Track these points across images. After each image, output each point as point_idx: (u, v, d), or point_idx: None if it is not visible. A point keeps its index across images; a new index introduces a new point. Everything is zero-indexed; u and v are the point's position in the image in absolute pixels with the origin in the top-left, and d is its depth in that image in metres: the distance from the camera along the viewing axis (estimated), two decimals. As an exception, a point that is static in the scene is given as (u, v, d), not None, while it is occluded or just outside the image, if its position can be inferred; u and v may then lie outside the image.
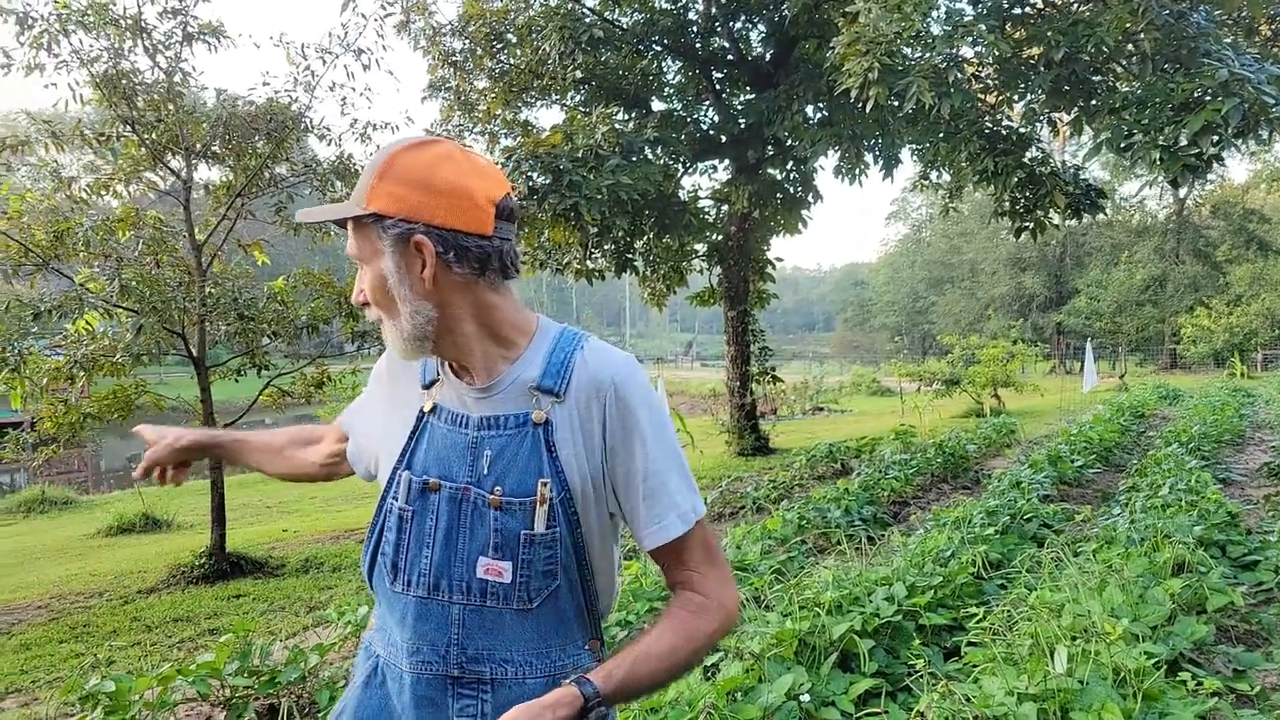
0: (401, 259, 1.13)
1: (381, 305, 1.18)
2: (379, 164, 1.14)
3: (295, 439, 1.61)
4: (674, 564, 1.25)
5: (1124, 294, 39.29)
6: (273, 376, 7.38)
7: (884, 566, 4.36)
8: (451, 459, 1.22)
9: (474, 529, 1.20)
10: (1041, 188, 9.84)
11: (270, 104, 7.06)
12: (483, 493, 1.20)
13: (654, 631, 1.20)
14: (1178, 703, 2.79)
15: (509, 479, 1.19)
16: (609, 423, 1.19)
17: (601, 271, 12.19)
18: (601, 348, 1.24)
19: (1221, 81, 7.01)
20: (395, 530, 1.24)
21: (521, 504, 1.18)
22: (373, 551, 1.28)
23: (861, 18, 7.19)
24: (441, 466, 1.22)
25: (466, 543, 1.20)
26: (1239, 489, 7.95)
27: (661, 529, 1.22)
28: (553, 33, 9.59)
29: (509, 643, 1.22)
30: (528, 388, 1.20)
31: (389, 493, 1.26)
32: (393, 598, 1.25)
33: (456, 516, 1.21)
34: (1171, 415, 14.81)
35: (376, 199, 1.13)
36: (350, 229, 1.17)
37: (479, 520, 1.20)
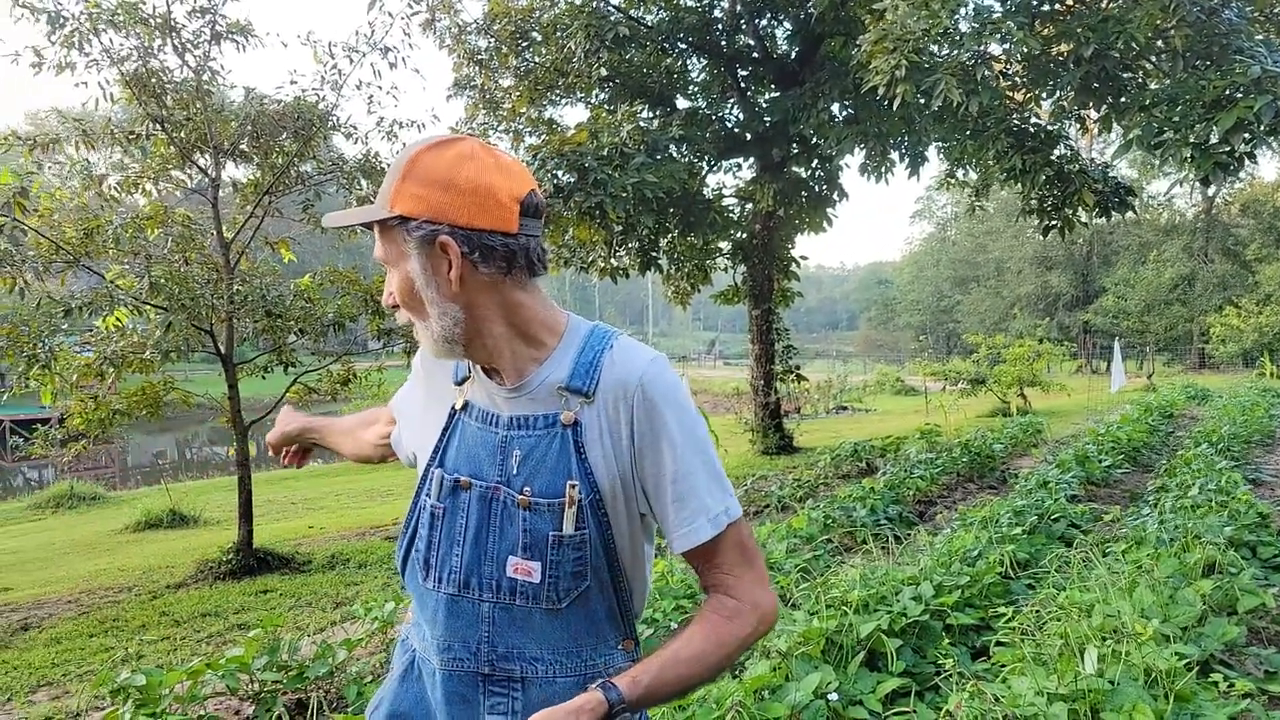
0: (427, 260, 1.13)
1: (410, 307, 1.18)
2: (402, 165, 1.13)
3: (363, 420, 1.68)
4: (707, 567, 1.24)
5: (1152, 293, 38.79)
6: (299, 374, 7.44)
7: (910, 566, 4.33)
8: (482, 457, 1.22)
9: (504, 528, 1.20)
10: (1070, 186, 9.74)
11: (297, 102, 7.13)
12: (512, 492, 1.19)
13: (683, 635, 1.19)
14: (1209, 704, 2.76)
15: (537, 480, 1.18)
16: (636, 425, 1.18)
17: (626, 269, 12.21)
18: (630, 346, 1.23)
19: (1254, 78, 6.91)
20: (428, 527, 1.25)
21: (550, 505, 1.18)
22: (406, 547, 1.29)
23: (889, 15, 7.15)
24: (472, 464, 1.23)
25: (496, 541, 1.20)
26: (1269, 490, 7.83)
27: (691, 532, 1.19)
28: (578, 30, 9.61)
29: (539, 641, 1.22)
30: (557, 388, 1.19)
31: (422, 489, 1.27)
32: (425, 594, 1.26)
33: (486, 515, 1.21)
34: (1200, 415, 14.60)
35: (400, 201, 1.12)
36: (376, 232, 1.17)
37: (509, 519, 1.20)
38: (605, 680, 1.11)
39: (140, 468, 21.27)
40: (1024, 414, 15.99)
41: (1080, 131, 10.77)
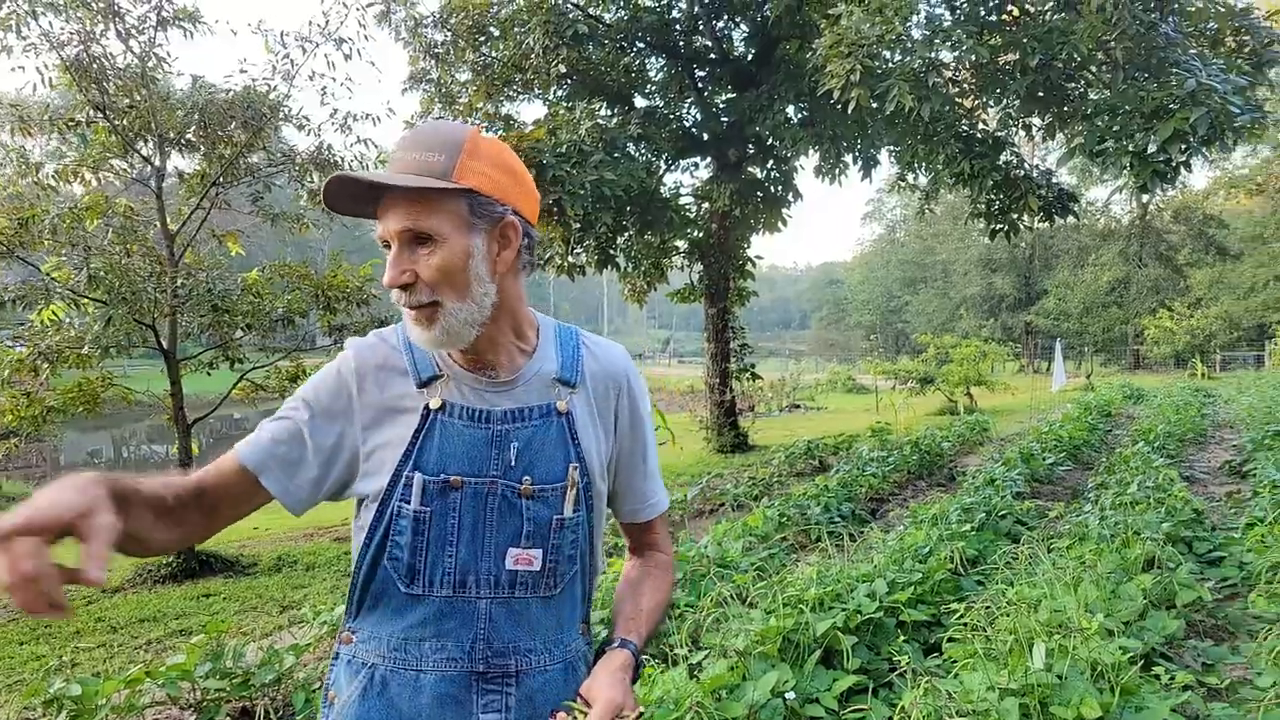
0: (489, 239, 1.16)
1: (449, 285, 1.14)
2: (463, 142, 1.13)
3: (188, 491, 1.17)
4: (647, 531, 1.42)
5: (1090, 295, 39.97)
6: (246, 370, 7.28)
7: (864, 563, 4.40)
8: (473, 455, 1.20)
9: (501, 522, 1.21)
10: (1016, 191, 9.99)
11: (247, 92, 6.97)
12: (511, 484, 1.21)
13: (646, 590, 1.37)
14: (1152, 697, 2.85)
15: (538, 468, 1.22)
16: (623, 412, 1.32)
17: (583, 267, 12.18)
18: (598, 339, 1.35)
19: (1190, 91, 7.15)
20: (410, 533, 1.20)
21: (553, 490, 1.23)
22: (373, 558, 1.21)
23: (844, 20, 7.25)
24: (461, 463, 1.20)
25: (494, 536, 1.21)
26: (1203, 486, 8.13)
27: (658, 503, 1.40)
28: (536, 27, 9.55)
29: (533, 632, 1.25)
30: (549, 380, 1.26)
31: (393, 496, 1.20)
32: (407, 601, 1.22)
33: (482, 512, 1.21)
34: (1137, 414, 15.09)
35: (470, 176, 1.13)
36: (416, 203, 1.12)
37: (507, 512, 1.21)
38: (623, 638, 1.26)
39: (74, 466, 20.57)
40: (971, 412, 16.35)
41: (1026, 139, 11.05)
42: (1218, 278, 36.27)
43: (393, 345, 1.25)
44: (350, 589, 1.26)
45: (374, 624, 1.24)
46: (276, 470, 1.19)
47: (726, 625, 3.56)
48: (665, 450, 11.78)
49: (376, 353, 1.24)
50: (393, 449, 1.20)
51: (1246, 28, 8.31)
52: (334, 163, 7.62)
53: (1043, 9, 8.97)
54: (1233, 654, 3.78)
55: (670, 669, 3.17)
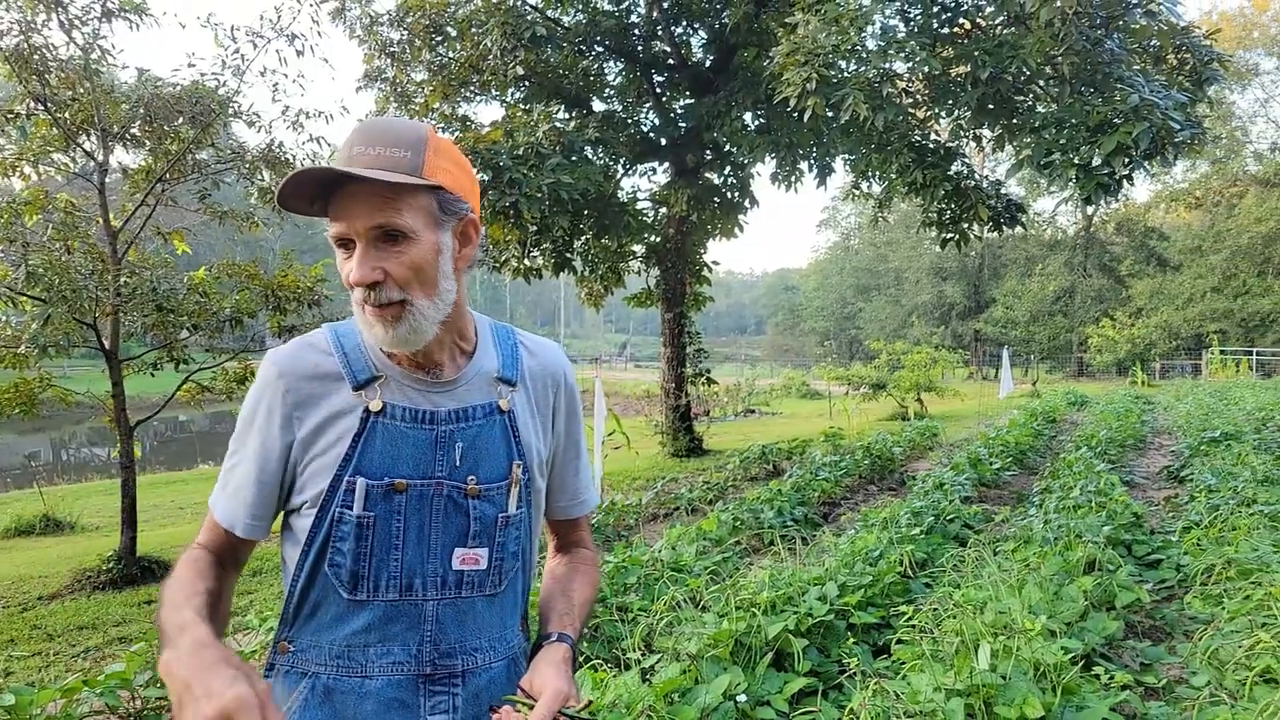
0: (453, 237, 1.19)
1: (418, 283, 1.14)
2: (426, 139, 1.13)
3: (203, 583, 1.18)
4: (574, 528, 1.45)
5: (1037, 304, 40.91)
6: (191, 371, 7.11)
7: (816, 567, 4.44)
8: (418, 457, 1.19)
9: (447, 522, 1.20)
10: (966, 200, 10.19)
11: (195, 86, 6.82)
12: (458, 484, 1.21)
13: (576, 586, 1.38)
14: (1092, 696, 2.93)
15: (482, 467, 1.23)
16: (560, 409, 1.35)
17: (539, 270, 12.13)
18: (535, 338, 1.38)
19: (1133, 106, 7.37)
20: (353, 539, 1.17)
21: (498, 488, 1.24)
22: (312, 565, 1.19)
23: (800, 29, 7.34)
24: (405, 466, 1.18)
25: (440, 537, 1.20)
26: (1142, 491, 8.37)
27: (588, 500, 1.44)
28: (494, 28, 9.50)
29: (478, 631, 1.25)
30: (491, 378, 1.27)
31: (333, 503, 1.17)
32: (350, 608, 1.20)
33: (427, 513, 1.19)
34: (1080, 420, 15.48)
35: (438, 174, 1.13)
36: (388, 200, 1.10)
37: (453, 512, 1.21)
38: (560, 632, 1.26)
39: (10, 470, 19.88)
40: (921, 418, 16.62)
41: (977, 150, 11.29)
42: (1158, 288, 37.36)
43: (322, 350, 1.21)
44: (286, 598, 1.22)
45: (313, 632, 1.22)
46: (251, 521, 1.21)
47: (679, 629, 3.57)
48: (620, 454, 11.77)
49: (303, 361, 1.20)
50: (331, 455, 1.17)
51: (1187, 46, 8.59)
52: (285, 160, 7.49)
53: (993, 23, 9.18)
54: (1169, 654, 3.90)
55: (622, 673, 3.16)
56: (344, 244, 1.14)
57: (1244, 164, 36.58)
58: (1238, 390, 19.29)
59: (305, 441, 1.18)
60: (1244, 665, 3.23)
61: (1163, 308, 36.16)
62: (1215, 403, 15.62)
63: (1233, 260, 33.57)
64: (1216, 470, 7.57)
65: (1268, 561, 4.30)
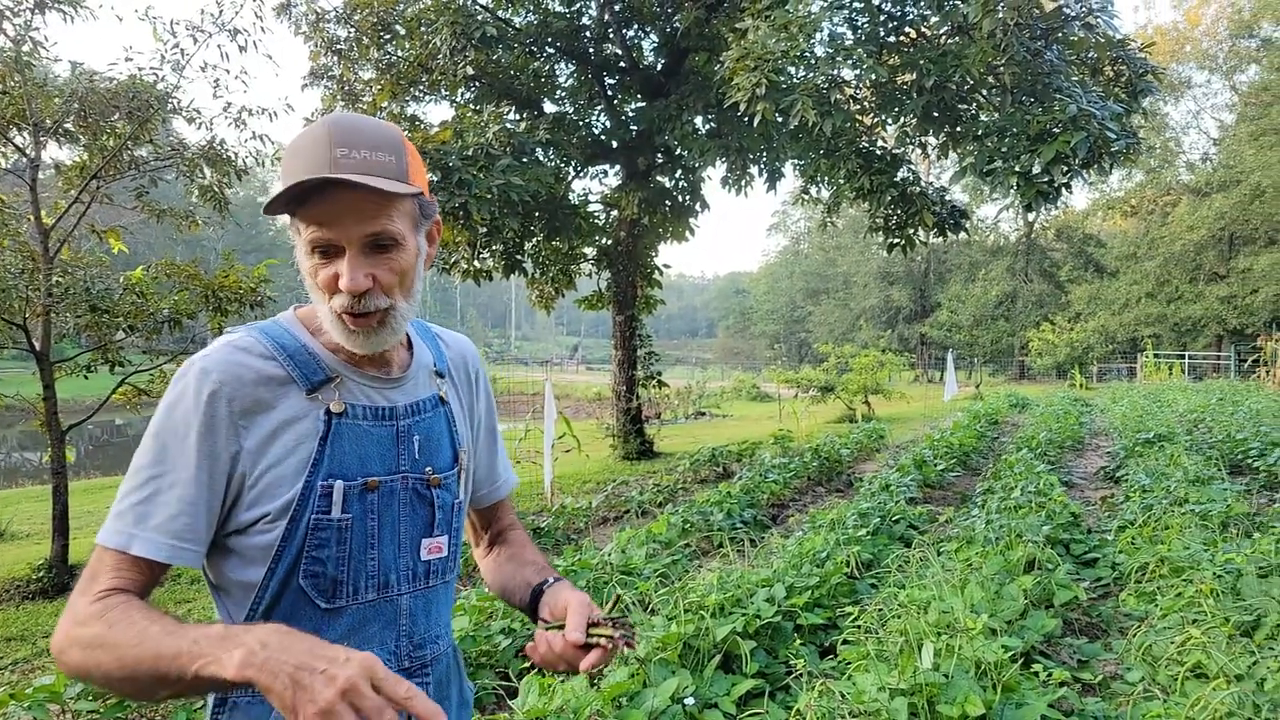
0: (425, 241, 1.21)
1: (400, 289, 1.15)
2: (403, 142, 1.12)
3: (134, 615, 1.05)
4: (501, 510, 1.50)
5: (980, 309, 41.88)
6: (127, 374, 6.90)
7: (764, 568, 4.48)
8: (383, 453, 1.19)
9: (413, 515, 1.22)
10: (912, 206, 10.38)
11: (133, 81, 6.63)
12: (419, 476, 1.23)
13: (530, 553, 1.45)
14: (1031, 693, 2.99)
15: (437, 458, 1.26)
16: (479, 396, 1.40)
17: (489, 272, 12.03)
18: (445, 330, 1.43)
19: (1071, 116, 7.58)
20: (334, 544, 1.13)
21: (451, 476, 1.27)
22: (281, 583, 1.12)
23: (750, 35, 7.40)
24: (374, 464, 1.18)
25: (408, 530, 1.22)
26: (1080, 491, 8.60)
27: (509, 479, 1.49)
28: (444, 27, 9.39)
29: (439, 618, 1.29)
30: (430, 371, 1.30)
31: (306, 511, 1.11)
32: (326, 617, 1.15)
33: (395, 508, 1.20)
34: (1021, 422, 15.85)
35: (417, 177, 1.14)
36: (382, 207, 1.10)
37: (418, 504, 1.23)
38: (551, 577, 1.34)
39: (-67, 475, 19.05)
40: (868, 420, 16.87)
41: (922, 156, 11.50)
42: (1095, 294, 38.48)
43: (260, 355, 1.14)
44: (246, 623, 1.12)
45: None
46: (195, 548, 1.09)
47: (628, 633, 3.56)
48: (571, 457, 11.73)
49: (244, 367, 1.12)
50: (291, 463, 1.12)
51: (1123, 58, 8.86)
52: (227, 158, 7.32)
53: (938, 33, 9.37)
54: (1105, 651, 4.01)
55: (569, 678, 3.14)
56: (323, 249, 1.10)
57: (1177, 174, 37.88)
58: (1170, 393, 19.95)
59: (255, 452, 1.11)
60: (1176, 661, 3.33)
61: (1100, 312, 37.26)
62: (1149, 405, 16.13)
63: (1166, 267, 34.72)
64: (1150, 471, 7.81)
65: (1198, 559, 4.44)
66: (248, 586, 1.13)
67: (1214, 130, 38.90)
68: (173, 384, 1.12)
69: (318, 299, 1.14)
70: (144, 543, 1.06)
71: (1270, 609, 3.64)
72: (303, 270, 1.14)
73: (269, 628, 0.93)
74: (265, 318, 1.23)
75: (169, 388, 1.12)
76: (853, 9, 9.15)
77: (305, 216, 1.09)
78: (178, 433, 1.09)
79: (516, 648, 3.75)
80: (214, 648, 0.92)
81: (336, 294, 1.11)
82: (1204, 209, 31.17)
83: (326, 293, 1.12)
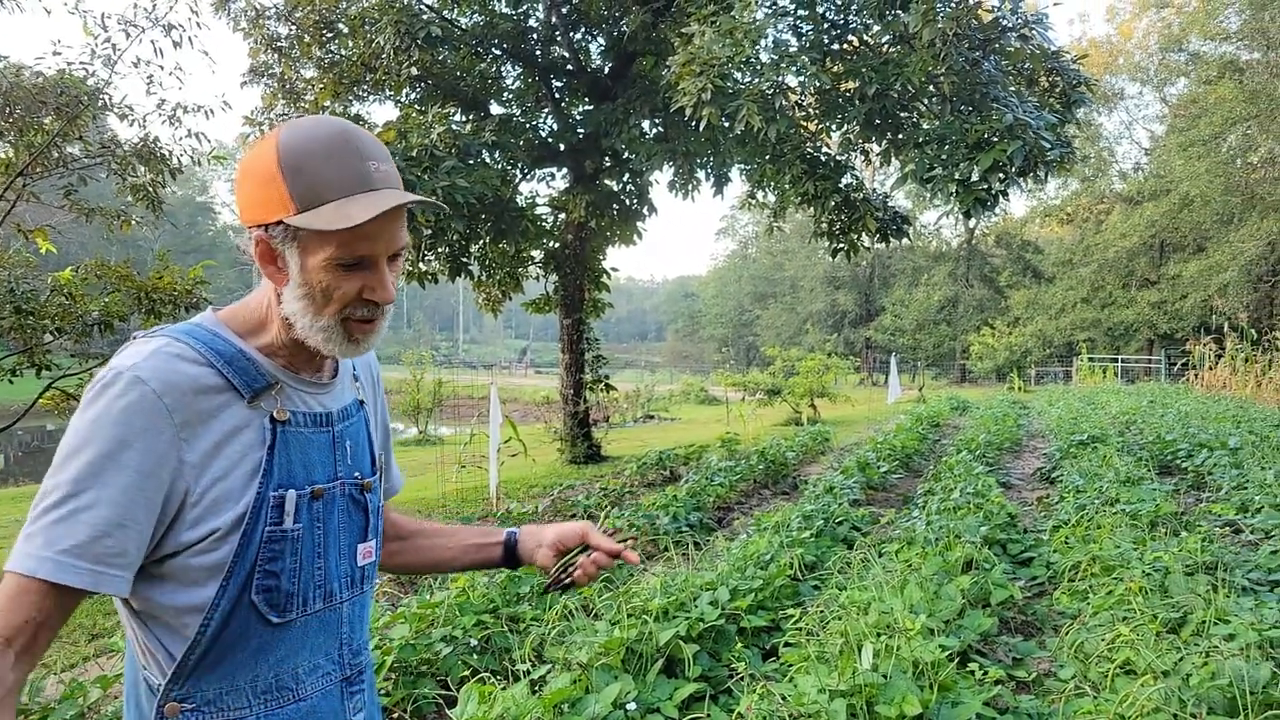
0: None
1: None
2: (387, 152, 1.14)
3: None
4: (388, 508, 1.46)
5: (923, 313, 42.77)
6: (55, 378, 6.65)
7: (709, 571, 4.49)
8: (324, 460, 1.20)
9: (350, 521, 1.23)
10: (855, 212, 10.54)
11: (62, 76, 6.41)
12: (354, 482, 1.24)
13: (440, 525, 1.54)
14: (967, 692, 3.05)
15: (363, 462, 1.27)
16: (379, 397, 1.42)
17: (435, 274, 11.88)
18: None
19: (1008, 125, 7.77)
20: (288, 556, 1.11)
21: (375, 480, 1.29)
22: (232, 603, 1.08)
23: (696, 39, 7.44)
24: (316, 471, 1.18)
25: (347, 536, 1.23)
26: (1017, 492, 8.82)
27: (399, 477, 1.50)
28: (387, 26, 9.25)
29: (367, 623, 1.30)
30: (349, 375, 1.31)
31: (261, 522, 1.09)
32: (273, 634, 1.12)
33: (336, 515, 1.20)
34: (961, 425, 16.20)
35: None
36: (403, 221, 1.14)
37: (353, 510, 1.24)
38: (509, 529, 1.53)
39: None
40: (814, 423, 17.07)
41: (865, 163, 11.69)
42: (1033, 299, 39.58)
43: (194, 361, 1.07)
44: (187, 651, 1.08)
45: (224, 678, 1.10)
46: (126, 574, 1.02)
47: (571, 638, 3.54)
48: (518, 461, 11.64)
49: (181, 375, 1.05)
50: (237, 475, 1.08)
51: (1058, 69, 9.12)
52: (161, 156, 7.12)
53: (880, 42, 9.53)
54: (1039, 648, 4.10)
55: (511, 685, 3.11)
56: (353, 264, 1.09)
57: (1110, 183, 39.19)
58: (1104, 395, 20.58)
59: (199, 466, 1.05)
60: (1106, 658, 3.43)
61: (1037, 317, 38.33)
62: (1084, 407, 16.61)
63: (1100, 273, 35.86)
64: (1084, 471, 8.03)
65: (1128, 558, 4.57)
66: (192, 610, 1.07)
67: (1145, 141, 40.36)
68: (95, 393, 1.04)
69: (310, 309, 1.10)
70: (72, 570, 0.98)
71: (1196, 606, 3.77)
72: (304, 281, 1.09)
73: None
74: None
75: (92, 397, 1.03)
76: (797, 16, 9.25)
77: (357, 230, 1.06)
78: (106, 448, 1.00)
79: (458, 655, 3.70)
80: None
81: (352, 304, 1.11)
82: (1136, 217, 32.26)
83: (339, 305, 1.10)
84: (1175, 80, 36.01)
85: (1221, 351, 21.53)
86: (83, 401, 1.04)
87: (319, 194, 1.04)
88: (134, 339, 1.12)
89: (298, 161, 1.05)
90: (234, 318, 1.17)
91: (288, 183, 1.04)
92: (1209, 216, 27.84)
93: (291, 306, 1.11)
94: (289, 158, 1.05)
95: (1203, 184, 26.33)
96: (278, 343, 1.16)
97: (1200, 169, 26.38)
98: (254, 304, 1.18)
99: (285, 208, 1.05)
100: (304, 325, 1.11)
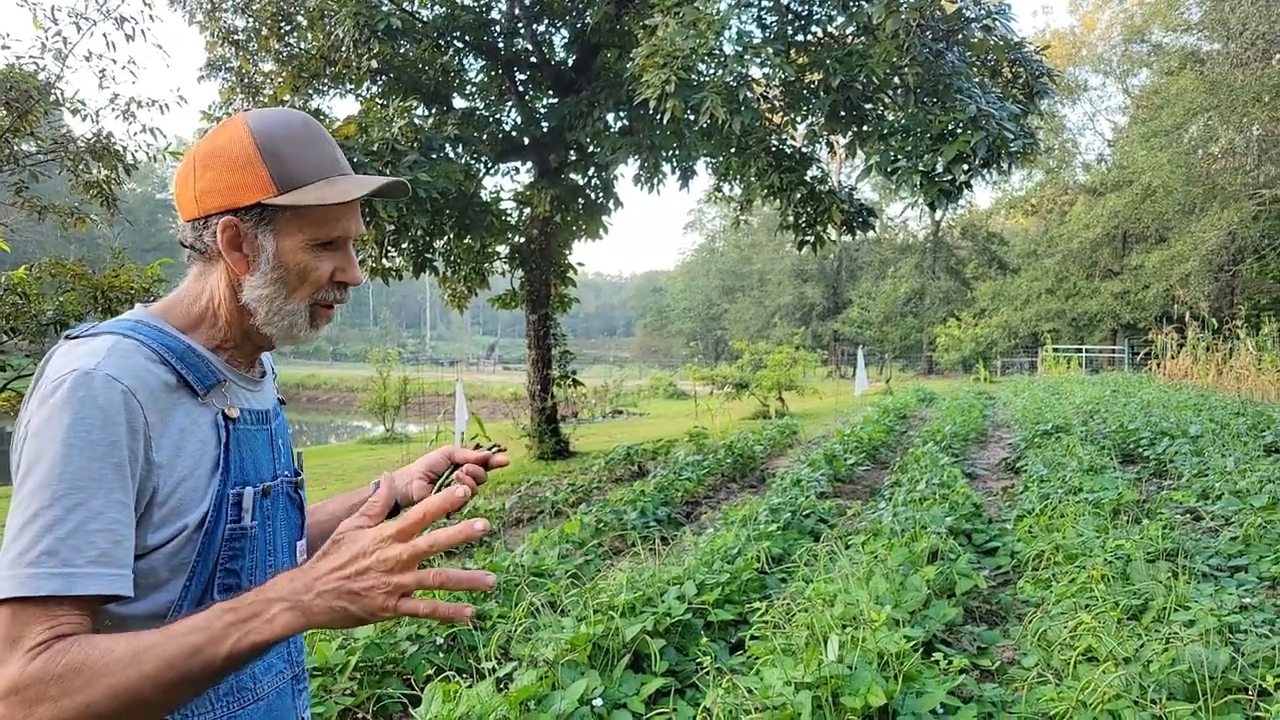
0: None
1: None
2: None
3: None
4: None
5: (890, 305, 43.15)
6: (10, 379, 6.49)
7: (676, 566, 4.48)
8: (266, 457, 1.19)
9: (289, 518, 1.23)
10: (821, 204, 10.58)
11: (11, 70, 6.24)
12: (290, 479, 1.24)
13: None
14: (932, 681, 3.06)
15: (290, 460, 1.27)
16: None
17: (399, 270, 11.75)
18: None
19: (971, 116, 7.84)
20: (246, 554, 1.10)
21: (301, 478, 1.29)
22: (197, 598, 1.05)
23: (660, 31, 7.40)
24: (263, 467, 1.17)
25: (289, 534, 1.23)
26: (982, 482, 8.91)
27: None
28: (346, 18, 9.10)
29: None
30: (271, 376, 1.30)
31: (222, 520, 1.07)
32: None
33: (279, 513, 1.20)
34: (928, 416, 16.36)
35: None
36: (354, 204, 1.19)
37: (292, 507, 1.24)
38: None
39: None
40: (782, 416, 17.15)
41: (830, 155, 11.74)
42: (998, 290, 40.06)
43: (151, 358, 1.04)
44: None
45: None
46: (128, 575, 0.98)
47: (537, 635, 3.51)
48: (486, 458, 11.54)
49: (147, 373, 1.03)
50: (199, 474, 1.06)
51: (1021, 60, 9.20)
52: (114, 152, 6.96)
53: (844, 33, 9.56)
54: (1004, 637, 4.14)
55: (477, 683, 3.07)
56: (328, 244, 1.15)
57: (1074, 174, 39.74)
58: (1069, 385, 20.88)
59: (166, 465, 1.03)
60: (1069, 645, 3.46)
61: (1003, 308, 38.82)
62: (1049, 397, 16.85)
63: (1064, 264, 36.36)
64: (1048, 461, 8.12)
65: (1091, 546, 4.62)
66: (154, 613, 1.03)
67: (1108, 132, 40.99)
68: (68, 395, 0.96)
69: (282, 293, 1.12)
70: (99, 578, 0.94)
71: (1157, 593, 3.82)
72: (280, 264, 1.11)
73: (272, 582, 0.96)
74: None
75: (61, 400, 0.96)
76: (761, 7, 9.26)
77: (333, 211, 1.13)
78: (92, 451, 0.96)
79: (423, 654, 3.66)
80: (238, 622, 0.92)
81: (324, 287, 1.15)
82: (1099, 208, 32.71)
83: (313, 287, 1.14)
84: (1138, 71, 36.60)
85: (1183, 341, 21.91)
86: (47, 406, 0.97)
87: (299, 176, 1.09)
88: (65, 339, 1.06)
89: (275, 146, 1.08)
90: (171, 312, 1.13)
91: (268, 165, 1.07)
92: (1171, 207, 28.30)
93: (258, 292, 1.11)
94: (266, 142, 1.08)
95: (1165, 174, 26.75)
96: (222, 337, 1.14)
97: (1162, 160, 26.81)
98: (190, 298, 1.14)
99: (265, 190, 1.07)
100: (270, 310, 1.12)
